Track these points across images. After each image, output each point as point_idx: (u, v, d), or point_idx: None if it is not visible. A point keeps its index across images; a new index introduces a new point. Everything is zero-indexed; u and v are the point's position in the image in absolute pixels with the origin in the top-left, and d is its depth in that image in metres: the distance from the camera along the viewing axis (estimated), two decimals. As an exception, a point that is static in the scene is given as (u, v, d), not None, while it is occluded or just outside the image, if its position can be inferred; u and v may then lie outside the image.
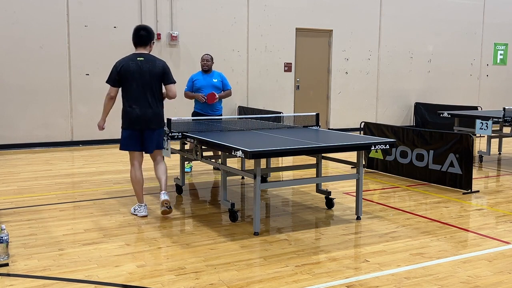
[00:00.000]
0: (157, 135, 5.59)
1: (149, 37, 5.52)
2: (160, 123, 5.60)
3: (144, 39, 5.49)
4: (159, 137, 5.61)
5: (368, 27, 13.82)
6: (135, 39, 5.50)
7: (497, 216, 5.73)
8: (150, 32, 5.55)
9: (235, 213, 5.42)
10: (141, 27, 5.56)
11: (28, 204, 6.08)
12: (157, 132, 5.58)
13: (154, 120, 5.50)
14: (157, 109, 5.52)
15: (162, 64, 5.52)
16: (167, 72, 5.51)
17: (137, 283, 3.85)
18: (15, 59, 10.11)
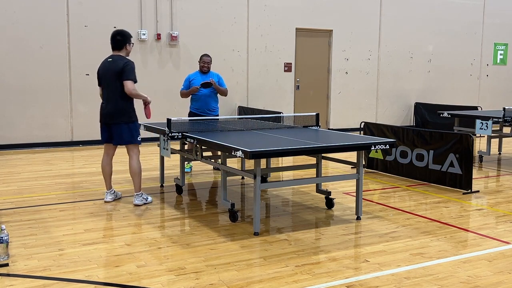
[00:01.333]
0: (123, 129, 5.91)
1: (123, 41, 6.06)
2: (123, 118, 5.90)
3: (117, 44, 6.06)
4: (127, 132, 5.92)
5: (368, 27, 13.82)
6: (111, 43, 6.10)
7: (497, 216, 5.73)
8: (124, 36, 6.09)
9: (235, 213, 5.42)
10: (118, 33, 6.10)
11: (28, 204, 6.08)
12: (123, 127, 5.91)
13: (116, 115, 5.89)
14: (118, 104, 5.89)
15: (124, 63, 5.88)
16: (126, 70, 5.83)
17: (137, 283, 3.85)
18: (15, 59, 10.11)
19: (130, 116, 5.96)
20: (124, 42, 6.09)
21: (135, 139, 6.00)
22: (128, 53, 6.13)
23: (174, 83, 11.03)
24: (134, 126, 6.00)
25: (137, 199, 6.03)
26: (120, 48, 6.07)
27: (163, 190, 6.86)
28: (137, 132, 6.04)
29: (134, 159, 6.00)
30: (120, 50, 6.07)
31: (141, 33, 11.01)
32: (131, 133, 5.95)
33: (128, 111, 5.95)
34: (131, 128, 5.95)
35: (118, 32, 6.15)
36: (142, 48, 11.15)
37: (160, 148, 6.27)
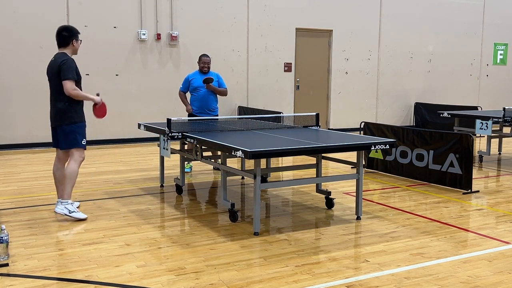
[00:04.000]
0: (63, 132, 5.48)
1: (69, 37, 5.56)
2: (62, 120, 5.47)
3: (63, 40, 5.58)
4: (68, 135, 5.47)
5: (368, 27, 13.82)
6: (56, 40, 5.61)
7: (497, 216, 5.73)
8: (70, 32, 5.61)
9: (235, 213, 5.42)
10: (63, 28, 5.64)
11: (28, 204, 6.08)
12: (64, 129, 5.47)
13: (57, 116, 5.49)
14: (58, 105, 5.48)
15: (61, 60, 5.42)
16: (62, 69, 5.37)
17: (137, 283, 3.85)
18: (15, 59, 10.11)
19: (71, 117, 5.47)
20: (71, 38, 5.58)
21: (78, 142, 5.50)
22: (76, 50, 5.67)
23: (174, 83, 11.01)
24: (77, 128, 5.50)
25: (59, 207, 5.47)
26: (66, 45, 5.57)
27: (163, 190, 6.86)
28: (81, 135, 5.52)
29: (70, 164, 5.49)
30: (65, 47, 5.58)
31: (141, 33, 11.01)
32: (73, 136, 5.47)
33: (69, 112, 5.47)
34: (73, 131, 5.47)
35: (64, 27, 5.69)
36: (142, 48, 11.15)
37: (160, 148, 6.27)
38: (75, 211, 5.43)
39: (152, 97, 11.31)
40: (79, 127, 5.54)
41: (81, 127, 5.56)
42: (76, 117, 5.52)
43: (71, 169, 5.47)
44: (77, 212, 5.45)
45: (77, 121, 5.53)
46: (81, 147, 5.54)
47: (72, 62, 5.48)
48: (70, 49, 5.61)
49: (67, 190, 5.46)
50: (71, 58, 5.51)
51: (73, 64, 5.48)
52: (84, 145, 5.56)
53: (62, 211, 5.44)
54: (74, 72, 5.47)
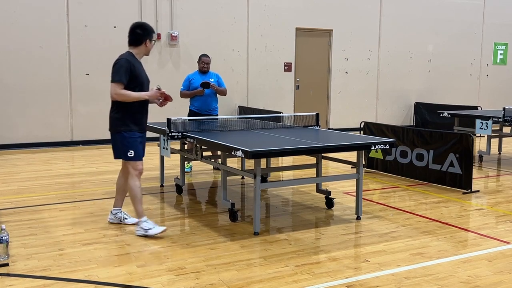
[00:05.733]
0: (112, 141, 5.06)
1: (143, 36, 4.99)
2: (110, 127, 5.03)
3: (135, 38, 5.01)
4: (113, 144, 5.06)
5: (368, 27, 13.82)
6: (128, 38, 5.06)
7: (497, 216, 5.73)
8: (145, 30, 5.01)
9: (235, 213, 5.42)
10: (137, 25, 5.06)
11: (28, 204, 6.08)
12: (112, 137, 5.05)
13: (109, 122, 5.08)
14: (110, 111, 5.08)
15: (114, 62, 5.02)
16: (113, 70, 4.98)
17: (137, 283, 3.85)
18: (15, 59, 10.11)
19: (116, 125, 4.98)
20: (144, 37, 4.99)
21: (122, 154, 4.98)
22: (148, 51, 5.09)
23: (174, 83, 10.98)
24: (121, 138, 4.96)
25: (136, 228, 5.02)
26: (138, 44, 5.00)
27: (163, 190, 6.86)
28: (125, 146, 4.95)
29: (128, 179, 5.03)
30: (136, 47, 5.01)
31: (141, 33, 10.99)
32: (117, 146, 5.02)
33: (116, 119, 4.99)
34: (117, 141, 5.00)
35: (139, 24, 5.07)
36: (142, 48, 11.13)
37: (160, 148, 6.27)
38: (151, 228, 4.89)
39: (152, 97, 11.28)
40: (123, 137, 4.94)
41: (126, 138, 4.94)
42: (120, 125, 4.94)
43: (129, 185, 4.99)
44: (153, 227, 4.90)
45: (121, 130, 4.95)
46: (127, 159, 4.97)
47: (126, 63, 4.91)
48: (141, 49, 5.03)
49: (135, 208, 4.98)
50: (126, 59, 4.93)
51: (127, 65, 4.90)
52: (131, 157, 4.94)
53: (139, 232, 4.92)
54: (124, 74, 4.89)
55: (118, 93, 4.93)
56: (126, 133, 4.95)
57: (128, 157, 4.95)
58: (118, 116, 4.98)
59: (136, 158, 4.97)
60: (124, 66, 4.91)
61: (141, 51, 5.04)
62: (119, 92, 4.92)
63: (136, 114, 5.00)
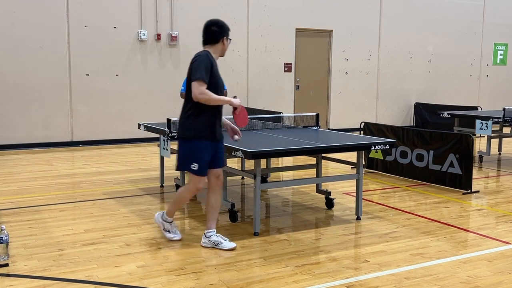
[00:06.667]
0: (180, 148, 4.51)
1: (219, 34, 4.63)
2: (181, 132, 4.48)
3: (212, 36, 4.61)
4: (181, 152, 4.49)
5: (368, 27, 13.82)
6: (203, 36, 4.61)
7: (497, 216, 5.73)
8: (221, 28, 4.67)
9: (235, 213, 5.42)
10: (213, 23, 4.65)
11: (28, 204, 6.08)
12: (180, 143, 4.50)
13: (178, 127, 4.55)
14: (182, 113, 4.51)
15: (192, 59, 4.45)
16: (193, 67, 4.37)
17: (137, 283, 3.85)
18: (15, 59, 10.11)
19: (186, 130, 4.42)
20: (221, 35, 4.62)
21: (186, 165, 4.44)
22: (224, 51, 4.67)
23: (174, 83, 11.03)
24: (188, 146, 4.42)
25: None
26: (214, 42, 4.57)
27: (163, 190, 6.86)
28: (191, 157, 4.41)
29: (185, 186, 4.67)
30: (213, 45, 4.56)
31: (141, 33, 11.01)
32: (185, 155, 4.46)
33: (187, 124, 4.43)
34: (185, 148, 4.44)
35: (214, 21, 4.65)
36: (142, 48, 11.15)
37: (160, 148, 6.27)
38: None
39: (152, 97, 11.32)
40: (192, 146, 4.40)
41: (195, 148, 4.39)
42: (193, 131, 4.39)
43: (182, 192, 4.65)
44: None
45: (192, 136, 4.39)
46: (192, 172, 4.45)
47: (207, 60, 4.39)
48: (218, 48, 4.60)
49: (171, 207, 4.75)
50: (206, 55, 4.44)
51: (207, 62, 4.38)
52: (194, 170, 4.41)
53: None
54: (205, 71, 4.33)
55: (203, 92, 4.28)
56: (197, 141, 4.40)
57: (191, 169, 4.42)
58: (192, 120, 4.41)
59: (199, 173, 4.44)
60: (204, 63, 4.36)
61: (218, 50, 4.59)
62: (204, 91, 4.29)
63: (212, 120, 4.48)
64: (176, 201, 4.70)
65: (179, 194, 4.69)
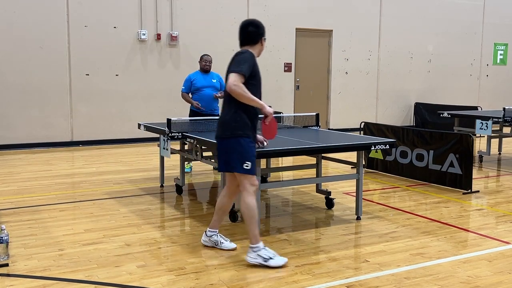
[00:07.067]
0: (222, 148, 4.26)
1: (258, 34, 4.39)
2: (223, 131, 4.24)
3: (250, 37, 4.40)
4: (226, 153, 4.23)
5: (368, 27, 13.82)
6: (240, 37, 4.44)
7: (497, 216, 5.73)
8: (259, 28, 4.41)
9: (235, 213, 5.42)
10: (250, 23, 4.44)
11: (28, 204, 6.08)
12: (223, 144, 4.25)
13: (219, 126, 4.30)
14: (223, 112, 4.30)
15: (236, 53, 4.34)
16: (236, 60, 4.22)
17: (137, 283, 3.85)
18: (15, 59, 10.11)
19: (234, 128, 4.18)
20: (259, 35, 4.38)
21: (236, 165, 4.18)
22: (261, 52, 4.43)
23: (174, 83, 11.02)
24: (237, 145, 4.16)
25: (250, 255, 4.23)
26: (253, 43, 4.36)
27: (163, 190, 6.87)
28: (243, 156, 4.16)
29: (242, 196, 4.24)
30: (252, 46, 4.36)
31: (141, 33, 11.01)
32: (233, 155, 4.18)
33: (233, 121, 4.19)
34: (232, 147, 4.18)
35: (251, 22, 4.44)
36: (142, 48, 11.15)
37: (160, 148, 6.27)
38: (272, 257, 4.17)
39: (152, 97, 11.32)
40: (241, 144, 4.17)
41: (244, 145, 4.17)
42: (238, 128, 4.18)
43: (245, 203, 4.21)
44: (274, 257, 4.19)
45: (239, 134, 4.18)
46: (243, 172, 4.19)
47: (252, 57, 4.24)
48: (256, 49, 4.39)
49: (252, 232, 4.22)
50: (252, 55, 4.27)
51: (253, 60, 4.23)
52: (247, 169, 4.17)
53: (255, 260, 4.18)
54: (248, 67, 4.15)
55: (237, 85, 4.06)
56: (244, 139, 4.17)
57: (244, 169, 4.16)
58: (236, 118, 4.18)
59: (253, 171, 4.22)
60: (249, 59, 4.21)
61: (256, 51, 4.38)
62: (240, 84, 4.08)
63: (253, 120, 4.28)
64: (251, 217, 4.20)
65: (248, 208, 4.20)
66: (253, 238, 4.21)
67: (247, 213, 4.21)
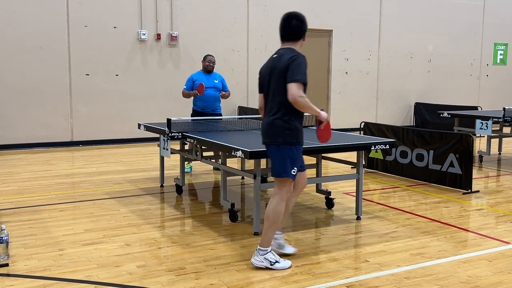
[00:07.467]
0: (272, 154, 4.17)
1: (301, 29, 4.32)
2: (275, 137, 4.11)
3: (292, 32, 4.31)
4: (275, 158, 4.15)
5: (368, 27, 13.82)
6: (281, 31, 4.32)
7: (497, 216, 5.73)
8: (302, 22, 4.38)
9: (235, 213, 5.42)
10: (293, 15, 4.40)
11: (28, 204, 6.08)
12: (273, 150, 4.16)
13: (267, 131, 4.18)
14: (275, 117, 4.12)
15: (289, 57, 4.08)
16: (290, 67, 4.01)
17: (137, 283, 3.85)
18: (15, 59, 10.11)
19: (288, 135, 4.11)
20: (303, 31, 4.28)
21: (285, 171, 4.10)
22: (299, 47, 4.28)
23: (174, 83, 11.03)
24: (290, 152, 4.11)
25: (256, 257, 4.15)
26: (296, 38, 4.25)
27: (163, 190, 6.86)
28: (294, 162, 4.13)
29: (274, 199, 4.15)
30: (295, 42, 4.24)
31: (141, 33, 11.01)
32: (285, 161, 4.10)
33: (286, 128, 4.10)
34: (286, 155, 4.10)
35: (294, 14, 4.33)
36: (142, 48, 11.15)
37: (160, 148, 6.27)
38: (278, 261, 4.12)
39: (152, 97, 11.31)
40: (293, 151, 4.14)
41: (295, 153, 4.16)
42: (293, 136, 4.14)
43: (275, 208, 4.11)
44: (280, 261, 4.13)
45: (294, 142, 4.14)
46: (290, 177, 4.14)
47: (305, 61, 4.10)
48: (298, 45, 4.25)
49: (267, 234, 4.14)
50: (304, 57, 4.12)
51: (305, 63, 4.09)
52: (293, 175, 4.15)
53: (261, 263, 4.11)
54: (305, 73, 4.04)
55: (303, 96, 3.95)
56: (296, 147, 4.17)
57: (292, 175, 4.14)
58: (290, 124, 4.11)
59: (295, 177, 4.21)
60: (304, 64, 4.05)
61: (297, 47, 4.21)
62: (303, 94, 3.96)
63: (302, 123, 4.24)
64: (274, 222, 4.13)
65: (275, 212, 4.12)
66: (266, 241, 4.14)
67: (272, 217, 4.12)
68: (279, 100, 4.10)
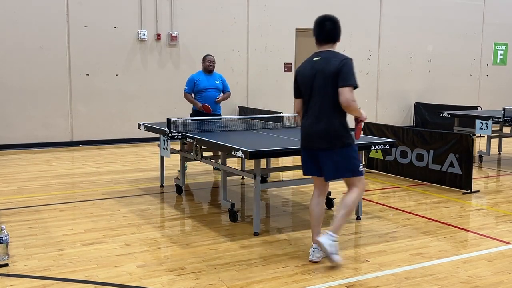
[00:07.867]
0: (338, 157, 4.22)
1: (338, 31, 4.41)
2: (337, 141, 4.20)
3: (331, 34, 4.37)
4: (343, 161, 4.22)
5: (368, 27, 13.82)
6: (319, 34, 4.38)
7: (497, 216, 5.73)
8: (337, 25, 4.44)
9: (235, 213, 5.42)
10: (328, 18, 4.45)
11: (28, 204, 6.08)
12: (338, 153, 4.22)
13: (327, 137, 4.21)
14: (331, 122, 4.20)
15: (340, 60, 4.19)
16: (344, 71, 4.13)
17: (137, 283, 3.85)
18: (15, 59, 10.11)
19: (348, 137, 4.26)
20: (339, 32, 4.38)
21: (356, 170, 4.27)
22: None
23: (174, 83, 11.04)
24: (354, 153, 4.29)
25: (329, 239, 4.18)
26: (334, 40, 4.33)
27: (163, 190, 6.87)
28: (358, 160, 4.32)
29: (353, 192, 4.29)
30: (333, 44, 4.34)
31: (141, 33, 11.01)
32: (350, 161, 4.24)
33: (344, 131, 4.25)
34: (349, 155, 4.24)
35: (329, 17, 4.42)
36: (142, 48, 11.15)
37: (160, 148, 6.27)
38: (336, 253, 4.19)
39: (152, 97, 11.32)
40: (354, 150, 4.31)
41: (356, 151, 4.35)
42: (348, 137, 4.29)
43: (354, 201, 4.28)
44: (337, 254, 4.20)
45: (351, 142, 4.30)
46: (360, 175, 4.32)
47: (353, 62, 4.27)
48: (336, 48, 4.34)
49: (341, 223, 4.26)
50: (351, 58, 4.30)
51: (353, 64, 4.25)
52: (361, 171, 4.34)
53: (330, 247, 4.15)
54: (356, 77, 4.18)
55: (355, 100, 4.09)
56: (354, 146, 4.31)
57: (359, 171, 4.29)
58: (343, 128, 4.26)
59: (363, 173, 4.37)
60: (353, 68, 4.21)
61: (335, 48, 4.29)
62: (355, 98, 4.11)
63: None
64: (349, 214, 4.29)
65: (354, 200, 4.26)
66: (338, 229, 4.26)
67: (350, 209, 4.29)
68: (330, 103, 4.18)
